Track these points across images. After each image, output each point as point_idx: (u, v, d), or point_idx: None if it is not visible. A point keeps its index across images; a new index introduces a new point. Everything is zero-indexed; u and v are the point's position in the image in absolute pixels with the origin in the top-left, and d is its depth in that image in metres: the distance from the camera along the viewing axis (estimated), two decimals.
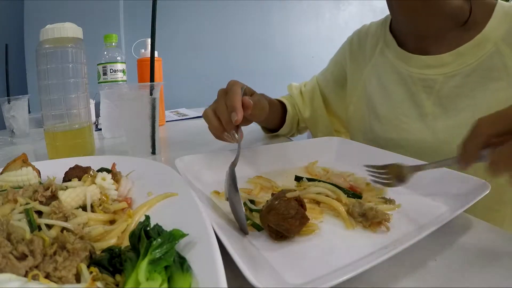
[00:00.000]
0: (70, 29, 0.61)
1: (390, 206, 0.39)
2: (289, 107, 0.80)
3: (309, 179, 0.47)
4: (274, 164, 0.54)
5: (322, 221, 0.37)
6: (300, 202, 0.34)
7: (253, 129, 0.92)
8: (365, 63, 0.73)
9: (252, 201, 0.40)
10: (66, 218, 0.31)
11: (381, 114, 0.67)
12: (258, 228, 0.35)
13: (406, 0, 0.57)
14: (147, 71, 0.63)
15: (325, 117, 0.83)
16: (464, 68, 0.57)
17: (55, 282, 0.23)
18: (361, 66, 0.74)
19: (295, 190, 0.36)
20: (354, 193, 0.42)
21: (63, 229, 0.30)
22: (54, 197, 0.34)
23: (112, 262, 0.26)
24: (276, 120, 0.79)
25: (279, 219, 0.32)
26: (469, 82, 0.56)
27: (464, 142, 0.35)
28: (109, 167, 0.44)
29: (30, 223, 0.30)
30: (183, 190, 0.35)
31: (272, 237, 0.33)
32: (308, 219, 0.33)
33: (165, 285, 0.23)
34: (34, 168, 0.42)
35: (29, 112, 1.00)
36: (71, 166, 0.42)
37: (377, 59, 0.70)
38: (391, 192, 0.43)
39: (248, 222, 0.35)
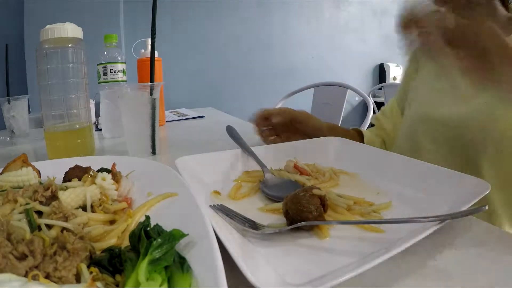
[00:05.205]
0: (70, 29, 0.61)
1: (382, 205, 0.39)
2: (367, 133, 0.79)
3: None
4: (274, 164, 0.54)
5: None
6: (323, 202, 0.35)
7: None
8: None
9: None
10: (66, 218, 0.31)
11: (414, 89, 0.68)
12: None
13: None
14: (147, 71, 0.63)
15: None
16: None
17: (55, 282, 0.23)
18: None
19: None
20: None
21: (63, 229, 0.30)
22: (54, 197, 0.34)
23: (112, 262, 0.26)
24: None
25: (298, 210, 0.34)
26: None
27: None
28: (109, 167, 0.44)
29: (30, 223, 0.30)
30: (183, 190, 0.35)
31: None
32: (324, 220, 0.34)
33: (165, 285, 0.23)
34: (34, 168, 0.42)
35: (29, 112, 1.00)
36: (71, 166, 0.42)
37: None
38: (390, 193, 0.43)
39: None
